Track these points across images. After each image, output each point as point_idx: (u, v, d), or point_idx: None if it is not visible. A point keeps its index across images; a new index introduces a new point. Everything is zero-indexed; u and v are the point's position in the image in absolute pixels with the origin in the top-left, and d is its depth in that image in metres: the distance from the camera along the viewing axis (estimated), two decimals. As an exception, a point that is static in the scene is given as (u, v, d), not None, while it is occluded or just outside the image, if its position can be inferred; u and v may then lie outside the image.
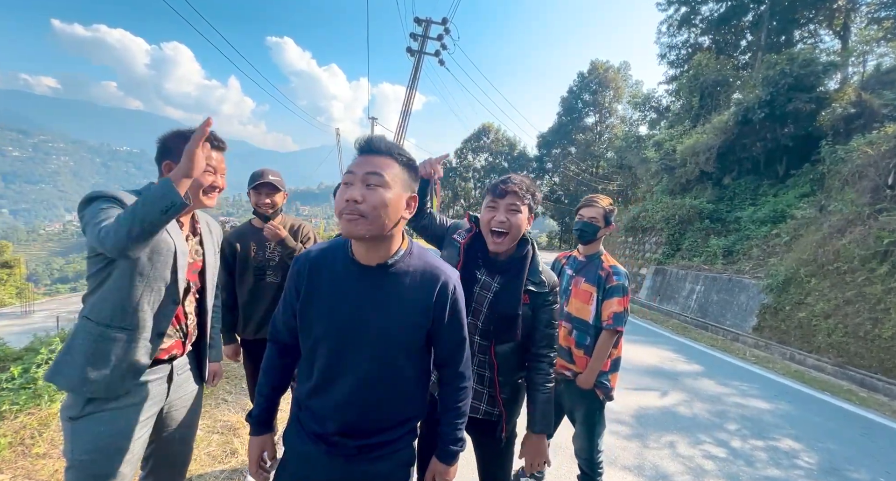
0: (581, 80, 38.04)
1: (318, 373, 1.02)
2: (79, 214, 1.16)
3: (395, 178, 0.97)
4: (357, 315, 1.00)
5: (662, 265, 10.88)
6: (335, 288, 1.02)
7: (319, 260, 1.06)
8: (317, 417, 1.04)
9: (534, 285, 1.38)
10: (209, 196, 1.35)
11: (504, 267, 1.40)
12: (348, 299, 1.01)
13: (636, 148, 16.75)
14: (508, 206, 1.35)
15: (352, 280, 1.02)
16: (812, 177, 9.28)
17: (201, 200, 1.32)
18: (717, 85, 14.38)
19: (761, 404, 4.16)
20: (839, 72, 11.16)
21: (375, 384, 1.02)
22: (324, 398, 1.03)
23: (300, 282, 1.06)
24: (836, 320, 5.90)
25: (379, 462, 1.05)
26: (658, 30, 19.83)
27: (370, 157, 0.97)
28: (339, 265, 1.04)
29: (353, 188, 0.94)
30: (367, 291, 1.01)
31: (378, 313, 1.00)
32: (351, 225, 0.94)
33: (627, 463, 2.84)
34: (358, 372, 1.01)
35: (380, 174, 0.95)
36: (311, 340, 1.04)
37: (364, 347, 1.00)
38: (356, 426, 1.02)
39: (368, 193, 0.94)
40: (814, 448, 3.26)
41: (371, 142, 0.99)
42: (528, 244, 1.43)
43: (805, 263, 6.93)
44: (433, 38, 15.83)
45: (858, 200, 6.87)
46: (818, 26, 14.89)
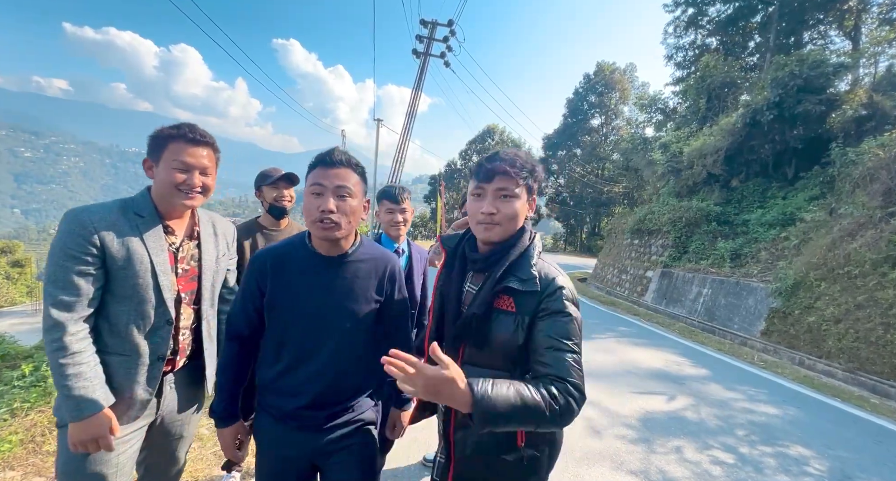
0: (587, 82, 37.94)
1: (288, 355, 1.16)
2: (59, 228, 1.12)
3: (356, 187, 1.15)
4: (325, 299, 1.17)
5: (669, 268, 10.78)
6: (302, 278, 1.17)
7: (281, 256, 1.20)
8: (288, 394, 1.16)
9: (518, 281, 1.02)
10: (189, 196, 1.22)
11: (490, 261, 1.09)
12: (316, 286, 1.17)
13: (642, 150, 16.64)
14: (497, 192, 1.05)
15: (317, 270, 1.18)
16: (822, 180, 9.16)
17: (180, 202, 1.22)
18: (725, 86, 14.25)
19: (770, 409, 4.10)
20: (850, 73, 11.01)
21: (341, 357, 1.18)
22: (295, 375, 1.16)
23: (263, 278, 1.18)
24: (847, 325, 5.80)
25: (346, 426, 1.20)
26: (665, 31, 19.73)
27: (335, 170, 1.12)
28: (302, 259, 1.19)
29: (324, 199, 1.10)
30: (332, 278, 1.18)
31: (343, 295, 1.18)
32: (327, 232, 1.11)
33: (634, 468, 2.81)
34: (328, 347, 1.16)
35: (347, 187, 1.12)
36: (281, 327, 1.17)
37: (332, 326, 1.16)
38: (325, 397, 1.16)
39: (341, 204, 1.11)
40: (824, 455, 3.20)
41: (334, 156, 1.13)
42: (523, 234, 1.11)
43: (815, 267, 6.83)
44: (439, 40, 15.88)
45: (870, 203, 6.77)
46: (828, 27, 14.71)
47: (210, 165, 1.26)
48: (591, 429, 3.36)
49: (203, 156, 1.24)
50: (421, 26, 15.80)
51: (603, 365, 5.24)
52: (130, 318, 1.17)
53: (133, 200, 1.23)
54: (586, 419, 3.54)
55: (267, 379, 1.19)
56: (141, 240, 1.18)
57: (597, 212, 36.01)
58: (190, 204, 1.24)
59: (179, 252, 1.29)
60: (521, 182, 1.06)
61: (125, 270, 1.15)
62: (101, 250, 1.11)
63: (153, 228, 1.21)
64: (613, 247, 15.31)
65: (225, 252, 1.45)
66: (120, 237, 1.15)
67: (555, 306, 1.00)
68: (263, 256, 1.21)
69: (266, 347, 1.21)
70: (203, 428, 2.76)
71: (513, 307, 1.03)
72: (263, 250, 1.24)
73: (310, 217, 1.11)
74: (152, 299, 1.19)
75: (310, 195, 1.11)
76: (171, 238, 1.27)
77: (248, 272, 1.21)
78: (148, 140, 1.22)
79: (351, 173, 1.14)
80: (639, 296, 11.64)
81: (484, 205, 1.06)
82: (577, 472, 2.72)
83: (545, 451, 1.11)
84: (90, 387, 1.07)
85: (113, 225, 1.14)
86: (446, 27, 15.73)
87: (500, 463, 1.07)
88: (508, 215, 1.06)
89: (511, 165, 1.05)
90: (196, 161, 1.22)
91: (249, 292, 1.20)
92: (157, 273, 1.19)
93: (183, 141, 1.20)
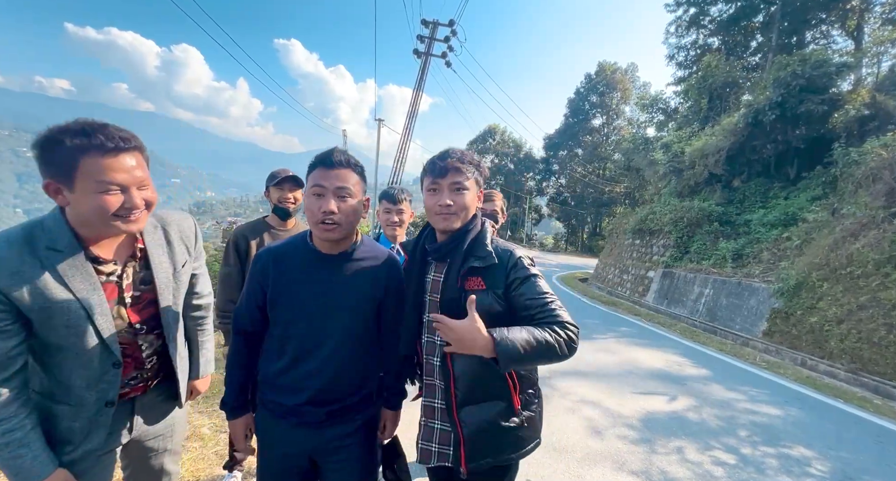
0: (588, 82, 37.91)
1: (291, 351, 1.18)
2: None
3: (356, 187, 1.16)
4: (326, 296, 1.18)
5: (670, 268, 10.76)
6: (304, 276, 1.19)
7: (282, 255, 1.22)
8: (289, 390, 1.18)
9: (478, 260, 1.16)
10: (128, 221, 0.97)
11: (449, 249, 1.22)
12: (317, 285, 1.18)
13: (644, 150, 16.62)
14: (452, 186, 1.19)
15: (319, 268, 1.19)
16: (824, 180, 9.13)
17: (120, 229, 0.97)
18: (727, 86, 14.23)
19: (772, 410, 4.08)
20: (852, 73, 10.98)
21: (342, 354, 1.19)
22: (298, 371, 1.17)
23: (265, 277, 1.20)
24: (850, 325, 5.78)
25: (345, 424, 1.22)
26: (666, 31, 19.71)
27: (335, 171, 1.13)
28: (303, 257, 1.21)
29: (325, 200, 1.11)
30: (334, 276, 1.20)
31: (345, 293, 1.19)
32: (329, 233, 1.13)
33: (635, 468, 2.80)
34: (328, 345, 1.17)
35: (348, 188, 1.13)
36: (283, 324, 1.19)
37: (333, 323, 1.18)
38: (325, 394, 1.17)
39: (342, 204, 1.12)
40: (826, 456, 3.19)
41: (334, 157, 1.14)
42: (475, 220, 1.24)
43: (817, 267, 6.81)
44: (440, 40, 15.88)
45: (872, 203, 6.74)
46: (831, 27, 14.68)
47: (145, 175, 0.98)
48: (593, 430, 3.35)
49: (134, 165, 0.95)
50: (422, 26, 15.81)
51: (604, 365, 5.23)
52: (71, 368, 1.00)
53: (42, 228, 0.95)
54: (587, 419, 3.53)
55: (269, 375, 1.21)
56: (61, 282, 0.94)
57: (598, 212, 35.97)
58: (135, 229, 1.00)
59: (124, 279, 1.07)
60: (471, 176, 1.21)
61: (50, 320, 0.94)
62: (10, 304, 0.90)
63: (76, 264, 0.96)
64: (615, 248, 15.30)
65: (185, 260, 1.22)
66: (30, 285, 0.91)
67: (521, 273, 1.15)
68: (265, 255, 1.23)
69: (269, 343, 1.23)
70: (204, 428, 2.77)
71: (482, 284, 1.16)
72: (265, 249, 1.26)
73: (311, 218, 1.13)
74: (93, 345, 1.00)
75: (311, 196, 1.13)
76: (106, 267, 1.03)
77: (251, 271, 1.24)
78: (37, 151, 0.89)
79: (351, 173, 1.15)
80: (640, 296, 11.63)
81: (441, 198, 1.19)
82: (579, 473, 2.71)
83: (538, 411, 1.26)
84: (28, 455, 0.93)
85: (17, 273, 0.90)
86: (447, 27, 15.73)
87: (505, 431, 1.17)
88: (462, 205, 1.19)
89: (461, 161, 1.20)
90: (129, 176, 0.93)
91: (252, 290, 1.22)
92: (92, 316, 0.98)
93: (99, 152, 0.89)
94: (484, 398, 1.17)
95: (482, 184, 1.27)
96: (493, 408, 1.16)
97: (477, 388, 1.16)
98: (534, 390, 1.26)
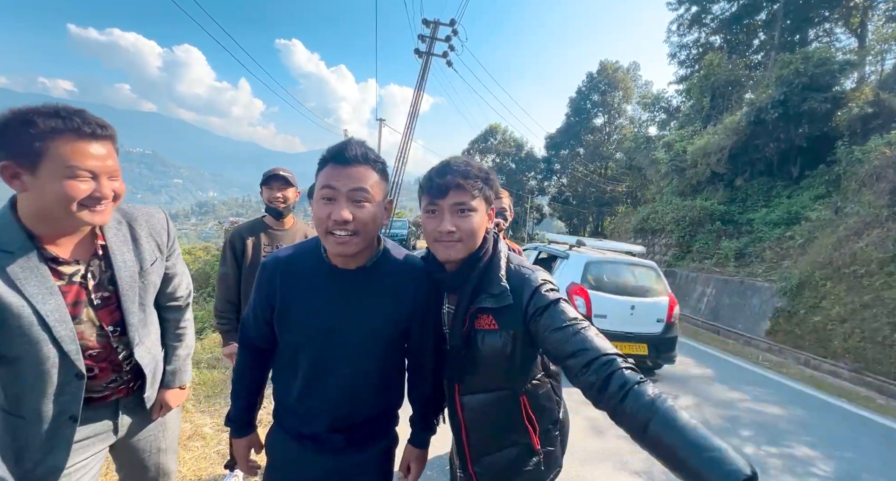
0: (590, 81, 37.83)
1: (303, 374, 1.02)
2: None
3: (376, 188, 0.93)
4: (342, 318, 1.00)
5: (672, 267, 10.73)
6: (315, 294, 1.00)
7: (292, 267, 1.03)
8: (305, 418, 1.05)
9: (491, 299, 0.96)
10: (94, 210, 0.91)
11: (458, 280, 1.02)
12: (331, 304, 1.00)
13: (646, 149, 16.57)
14: (454, 207, 0.97)
15: (333, 285, 1.01)
16: (827, 179, 9.10)
17: (81, 220, 0.90)
18: (729, 85, 14.18)
19: (775, 410, 4.07)
20: (856, 71, 10.92)
21: (362, 379, 1.04)
22: (312, 398, 1.04)
23: (272, 291, 1.02)
24: (853, 325, 5.75)
25: (365, 451, 1.09)
26: (668, 29, 19.64)
27: (350, 169, 0.90)
28: (315, 271, 1.01)
29: (337, 206, 0.89)
30: (351, 294, 1.00)
31: (364, 313, 1.01)
32: (342, 246, 0.91)
33: (636, 468, 2.80)
34: (345, 369, 1.02)
35: (365, 189, 0.90)
36: (293, 347, 1.03)
37: (350, 347, 1.01)
38: (346, 420, 1.05)
39: (358, 211, 0.90)
40: (830, 455, 3.17)
41: (348, 152, 0.91)
42: (485, 244, 1.03)
43: (820, 266, 6.78)
44: (441, 40, 15.88)
45: (876, 202, 6.71)
46: (834, 25, 14.60)
47: (116, 165, 0.94)
48: (594, 429, 3.34)
49: (106, 154, 0.91)
50: (423, 26, 15.81)
51: (606, 364, 5.22)
52: (27, 382, 0.91)
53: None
54: (588, 419, 3.53)
55: (284, 399, 1.08)
56: (12, 286, 0.85)
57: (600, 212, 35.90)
58: (99, 220, 0.93)
59: (89, 280, 0.98)
60: (478, 193, 0.98)
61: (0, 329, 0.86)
62: None
63: (29, 266, 0.87)
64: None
65: (156, 257, 1.12)
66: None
67: (543, 302, 0.93)
68: (273, 265, 1.05)
69: (280, 363, 1.09)
70: (206, 427, 2.77)
71: (494, 325, 0.98)
72: (272, 257, 1.07)
73: (320, 227, 0.92)
74: (51, 355, 0.91)
75: (320, 200, 0.91)
76: (67, 268, 0.94)
77: (257, 281, 1.07)
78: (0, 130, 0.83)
79: (370, 171, 0.92)
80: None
81: (441, 223, 0.97)
82: (580, 473, 2.71)
83: (557, 442, 1.12)
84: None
85: None
86: (448, 26, 15.73)
87: (524, 475, 1.06)
88: (468, 232, 0.97)
89: (465, 177, 0.96)
90: (101, 164, 0.89)
91: (259, 303, 1.06)
92: (49, 324, 0.89)
93: (74, 136, 0.85)
94: (500, 447, 1.04)
95: (492, 201, 1.04)
96: (510, 455, 1.04)
97: (491, 439, 1.04)
98: (555, 424, 1.11)
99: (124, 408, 1.12)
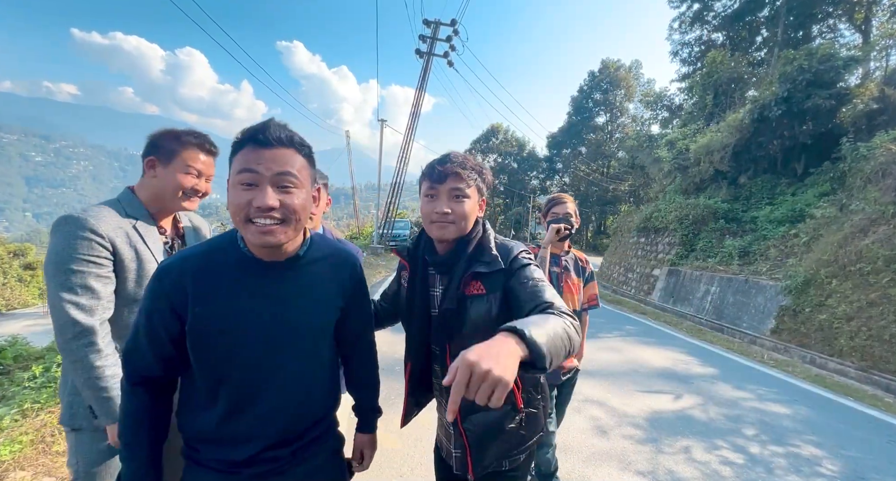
0: (592, 80, 37.73)
1: (230, 394, 0.88)
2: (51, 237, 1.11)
3: (304, 173, 0.87)
4: (274, 316, 0.90)
5: (676, 266, 10.68)
6: (238, 294, 0.88)
7: (204, 267, 0.88)
8: (236, 443, 0.90)
9: (483, 264, 1.10)
10: (191, 200, 1.30)
11: (450, 259, 1.14)
12: (260, 302, 0.89)
13: (648, 147, 16.52)
14: (451, 192, 1.10)
15: (258, 281, 0.89)
16: (832, 176, 9.01)
17: (181, 204, 1.28)
18: (732, 82, 14.09)
19: (780, 409, 4.04)
20: (860, 67, 10.82)
21: (302, 381, 0.94)
22: (242, 419, 0.89)
23: (179, 297, 0.85)
24: (860, 323, 5.70)
25: (313, 459, 1.00)
26: (670, 27, 19.57)
27: (272, 151, 0.82)
28: (234, 267, 0.89)
29: (261, 191, 0.81)
30: (279, 288, 0.91)
31: (297, 308, 0.92)
32: (266, 236, 0.82)
33: (641, 468, 2.78)
34: (284, 375, 0.91)
35: (292, 173, 0.83)
36: (215, 360, 0.87)
37: (287, 348, 0.91)
38: (288, 431, 0.94)
39: (285, 197, 0.83)
40: (837, 455, 3.15)
41: (270, 132, 0.82)
42: (476, 227, 1.17)
43: (825, 264, 6.72)
44: (442, 40, 15.88)
45: (882, 199, 6.65)
46: (837, 21, 14.48)
47: (211, 174, 1.34)
48: (598, 429, 3.33)
49: (211, 164, 1.33)
50: (424, 26, 15.82)
51: (609, 364, 5.20)
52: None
53: (121, 203, 1.23)
54: (593, 418, 3.51)
55: (202, 429, 0.90)
56: (142, 239, 1.20)
57: (602, 211, 35.81)
58: (190, 207, 1.29)
59: (173, 250, 1.33)
60: (472, 183, 1.12)
61: (136, 272, 1.17)
62: (114, 253, 1.13)
63: (149, 229, 1.23)
64: (619, 246, 15.20)
65: None
66: (127, 239, 1.16)
67: (518, 264, 1.10)
68: (177, 266, 0.87)
69: (194, 388, 0.90)
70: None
71: (482, 289, 1.10)
72: (176, 257, 0.90)
73: (238, 215, 0.82)
74: None
75: (237, 186, 0.82)
76: (163, 238, 1.30)
77: (151, 293, 0.87)
78: (155, 138, 1.24)
79: (296, 155, 0.85)
80: (645, 294, 11.55)
81: (438, 204, 1.10)
82: (584, 473, 2.70)
83: (540, 407, 1.22)
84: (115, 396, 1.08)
85: (118, 228, 1.15)
86: (449, 27, 15.73)
87: (508, 433, 1.15)
88: (461, 214, 1.11)
89: (462, 167, 1.10)
90: (208, 170, 1.31)
91: (159, 317, 0.86)
92: None
93: (202, 150, 1.28)
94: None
95: (485, 193, 1.19)
96: (497, 412, 1.13)
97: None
98: (535, 388, 1.22)
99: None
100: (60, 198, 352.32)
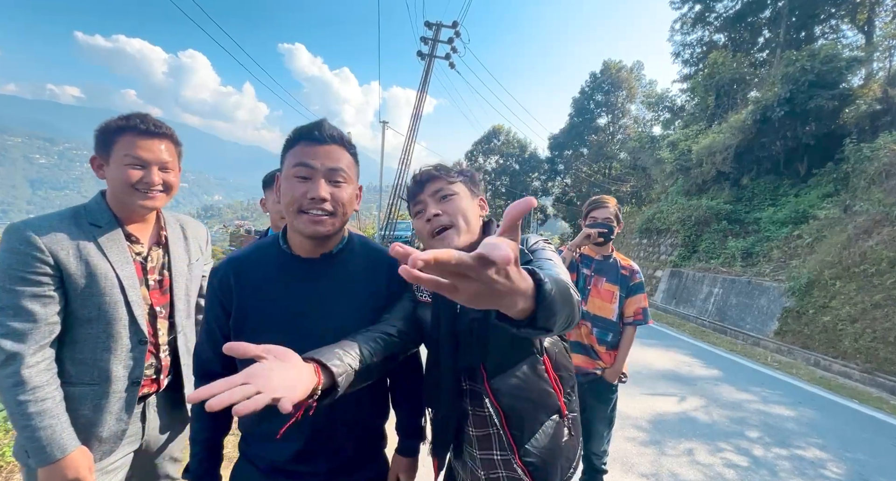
0: (593, 81, 37.72)
1: None
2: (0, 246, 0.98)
3: (351, 170, 0.93)
4: (309, 312, 0.92)
5: (678, 267, 10.65)
6: (277, 289, 0.93)
7: (247, 264, 0.96)
8: (271, 445, 0.92)
9: None
10: (149, 196, 1.08)
11: None
12: (296, 297, 0.93)
13: (650, 148, 16.50)
14: (434, 195, 1.00)
15: (295, 276, 0.94)
16: (835, 177, 8.98)
17: (139, 203, 1.08)
18: (734, 83, 14.07)
19: (784, 411, 4.02)
20: (863, 67, 10.79)
21: None
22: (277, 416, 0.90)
23: (227, 295, 0.94)
24: (864, 324, 5.67)
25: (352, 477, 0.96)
26: (672, 28, 19.54)
27: (325, 147, 0.88)
28: (274, 264, 0.95)
29: (315, 184, 0.86)
30: (316, 284, 0.94)
31: (332, 304, 0.94)
32: (317, 226, 0.88)
33: (644, 470, 2.77)
34: None
35: (342, 169, 0.89)
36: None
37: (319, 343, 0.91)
38: (320, 443, 0.92)
39: (336, 191, 0.89)
40: (842, 458, 3.13)
41: (324, 130, 0.88)
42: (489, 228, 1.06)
43: (829, 265, 6.69)
44: (444, 42, 15.92)
45: (886, 200, 6.62)
46: (840, 21, 14.44)
47: (170, 159, 1.11)
48: (601, 431, 3.32)
49: (161, 149, 1.09)
50: (425, 28, 15.86)
51: (612, 366, 5.19)
52: (98, 342, 1.04)
53: (86, 208, 1.09)
54: (596, 420, 3.51)
55: (248, 422, 0.96)
56: (101, 252, 1.04)
57: (604, 212, 35.64)
58: (150, 205, 1.10)
59: (148, 261, 1.15)
60: (454, 179, 1.02)
61: (88, 289, 1.01)
62: (57, 269, 0.98)
63: (114, 238, 1.08)
64: (621, 247, 15.17)
65: (198, 256, 1.30)
66: (76, 252, 1.01)
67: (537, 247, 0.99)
68: (224, 267, 0.96)
69: None
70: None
71: None
72: (224, 260, 1.00)
73: (291, 206, 0.87)
74: (123, 317, 1.06)
75: (292, 178, 0.87)
76: (135, 247, 1.13)
77: (208, 290, 0.98)
78: (95, 134, 1.08)
79: (345, 153, 0.91)
80: (648, 296, 11.54)
81: (427, 209, 0.99)
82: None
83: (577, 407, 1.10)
84: (58, 426, 0.95)
85: (65, 239, 1.00)
86: (451, 29, 15.77)
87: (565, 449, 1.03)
88: (454, 210, 0.98)
89: (437, 170, 1.03)
90: (152, 155, 1.07)
91: (214, 316, 0.96)
92: (125, 287, 1.05)
93: (134, 133, 1.06)
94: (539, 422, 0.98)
95: (479, 192, 1.07)
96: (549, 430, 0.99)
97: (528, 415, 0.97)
98: (573, 389, 1.07)
99: (152, 410, 1.18)
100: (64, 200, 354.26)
